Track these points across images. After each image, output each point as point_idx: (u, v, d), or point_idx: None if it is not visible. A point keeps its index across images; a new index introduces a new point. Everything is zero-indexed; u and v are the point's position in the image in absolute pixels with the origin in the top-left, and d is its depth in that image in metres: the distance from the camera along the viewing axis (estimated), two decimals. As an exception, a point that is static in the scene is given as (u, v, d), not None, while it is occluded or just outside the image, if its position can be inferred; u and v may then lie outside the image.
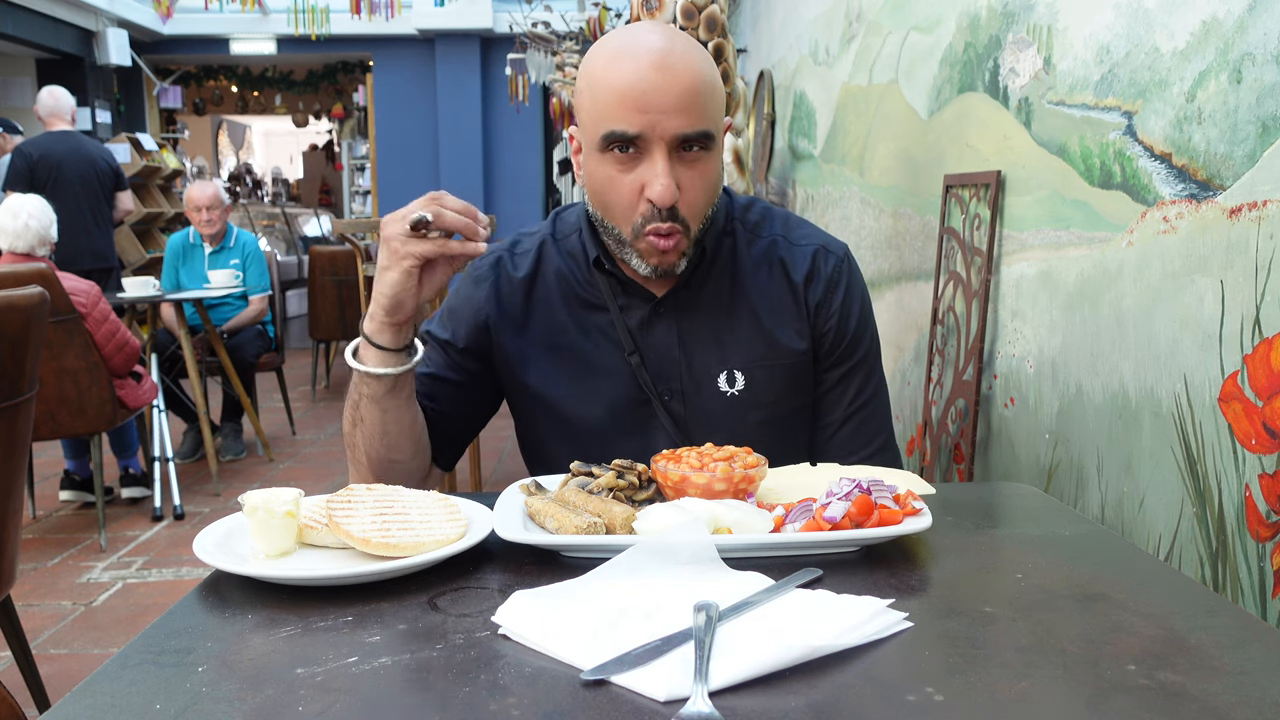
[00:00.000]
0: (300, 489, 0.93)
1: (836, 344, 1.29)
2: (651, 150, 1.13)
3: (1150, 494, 1.36)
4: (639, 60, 1.12)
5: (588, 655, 0.70)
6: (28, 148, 5.16)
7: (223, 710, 0.65)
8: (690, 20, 3.26)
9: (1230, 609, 0.80)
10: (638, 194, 1.15)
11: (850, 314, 1.29)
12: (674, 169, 1.13)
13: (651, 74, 1.11)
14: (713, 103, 1.15)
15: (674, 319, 1.26)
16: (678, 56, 1.12)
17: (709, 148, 1.16)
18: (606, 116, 1.13)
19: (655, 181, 1.12)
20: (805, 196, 3.85)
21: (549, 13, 6.06)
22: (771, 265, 1.29)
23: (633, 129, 1.11)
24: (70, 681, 2.42)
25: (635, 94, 1.11)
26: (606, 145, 1.14)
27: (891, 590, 0.82)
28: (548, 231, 1.33)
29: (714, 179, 1.19)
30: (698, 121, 1.13)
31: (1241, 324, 1.16)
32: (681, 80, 1.11)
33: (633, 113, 1.11)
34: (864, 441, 1.30)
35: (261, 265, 4.90)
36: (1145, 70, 1.37)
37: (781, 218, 1.33)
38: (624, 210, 1.17)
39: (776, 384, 1.26)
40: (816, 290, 1.28)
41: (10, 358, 1.86)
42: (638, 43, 1.14)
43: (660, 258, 1.18)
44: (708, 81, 1.14)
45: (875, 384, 1.32)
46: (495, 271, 1.31)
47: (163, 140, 8.87)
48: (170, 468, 3.86)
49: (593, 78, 1.16)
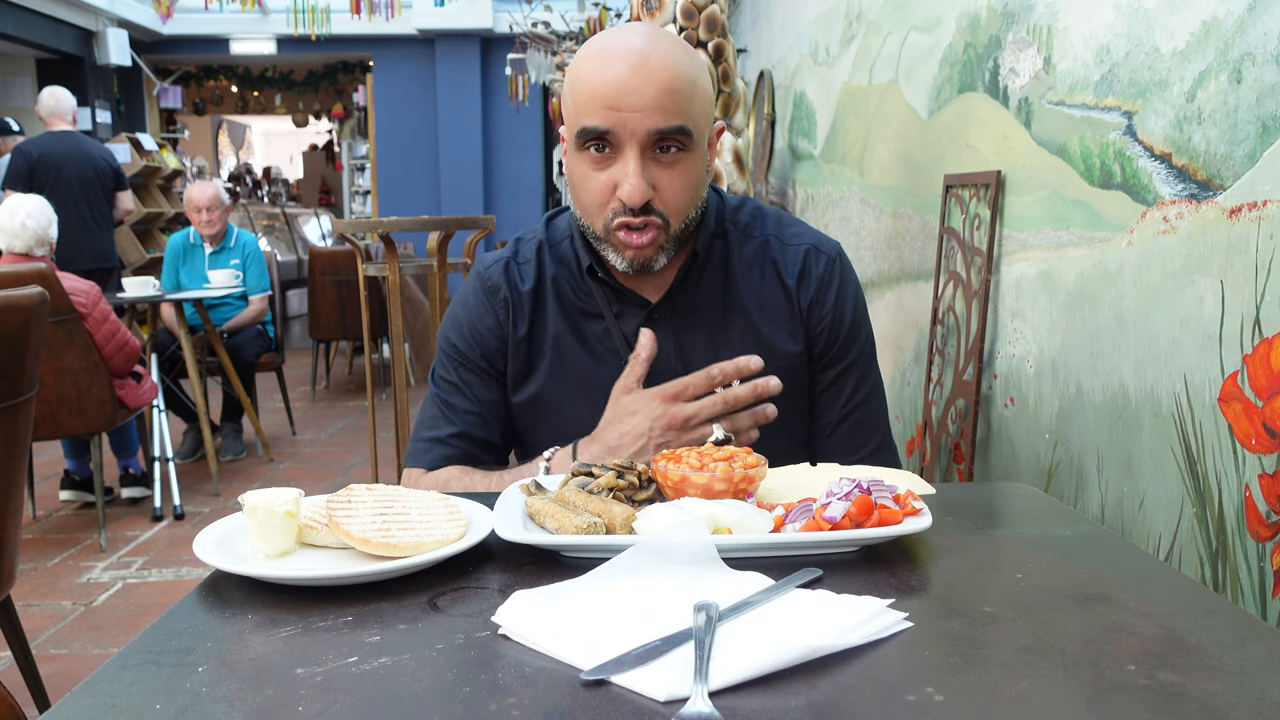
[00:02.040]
0: (300, 489, 0.93)
1: (830, 344, 1.28)
2: (624, 148, 1.13)
3: (1150, 494, 1.36)
4: (617, 60, 1.13)
5: (588, 655, 0.70)
6: (28, 147, 5.16)
7: (223, 710, 0.65)
8: (690, 20, 3.26)
9: (1230, 609, 0.80)
10: (609, 192, 1.15)
11: (844, 314, 1.29)
12: (648, 168, 1.14)
13: (626, 73, 1.11)
14: (692, 101, 1.14)
15: (670, 324, 1.26)
16: (656, 56, 1.12)
17: (687, 146, 1.15)
18: (581, 113, 1.14)
19: (625, 181, 1.13)
20: (805, 196, 3.85)
21: (549, 13, 6.06)
22: (764, 266, 1.28)
23: (603, 124, 1.12)
24: (70, 681, 2.42)
25: (608, 91, 1.11)
26: (582, 143, 1.15)
27: (891, 590, 0.82)
28: (542, 237, 1.33)
29: (695, 178, 1.18)
30: (672, 117, 1.12)
31: (1241, 324, 1.16)
32: (655, 78, 1.11)
33: (604, 109, 1.12)
34: (861, 441, 1.30)
35: (261, 265, 4.90)
36: (1145, 70, 1.37)
37: (774, 217, 1.33)
38: (596, 207, 1.17)
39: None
40: (809, 291, 1.28)
41: (10, 358, 1.86)
42: (618, 43, 1.15)
43: (635, 252, 1.17)
44: (686, 79, 1.14)
45: (871, 383, 1.32)
46: (506, 282, 1.30)
47: (163, 140, 8.87)
48: (170, 468, 3.86)
49: (574, 77, 1.17)
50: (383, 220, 2.68)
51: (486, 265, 1.33)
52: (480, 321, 1.30)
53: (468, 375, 1.30)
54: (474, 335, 1.30)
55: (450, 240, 2.86)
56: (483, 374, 1.30)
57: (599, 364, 1.26)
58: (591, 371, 1.26)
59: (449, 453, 1.29)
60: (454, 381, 1.31)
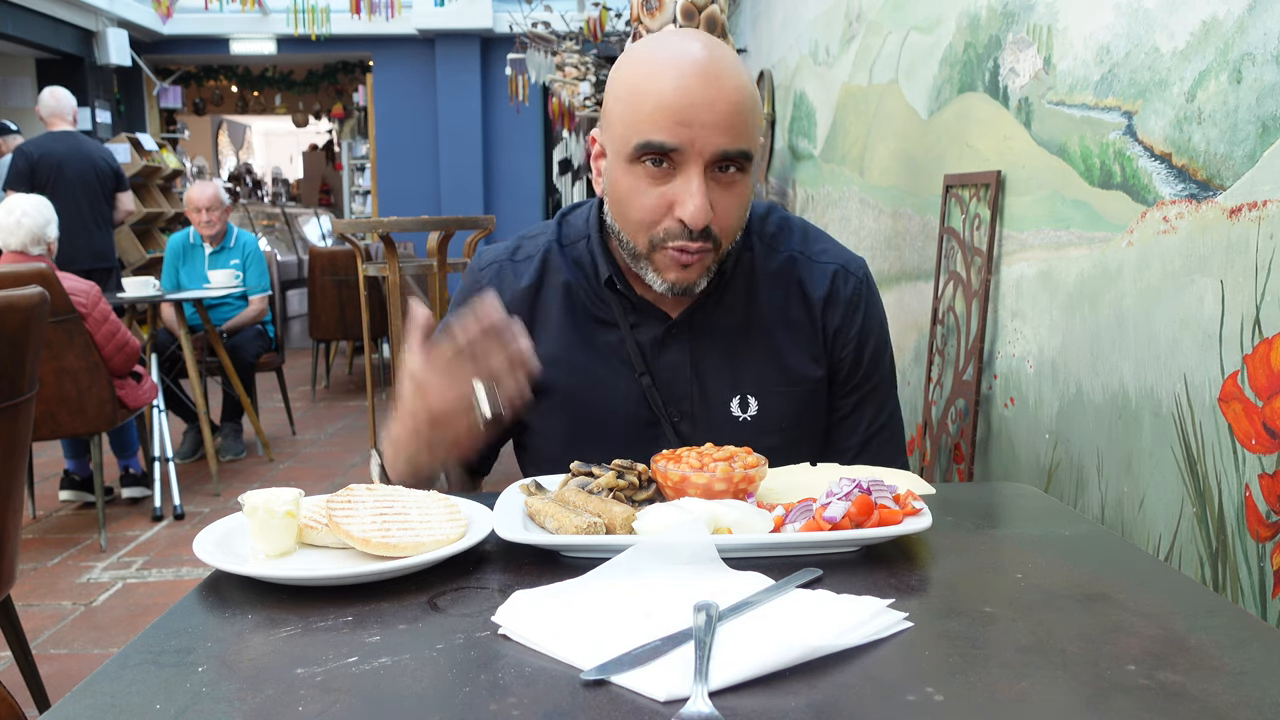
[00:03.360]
0: (300, 489, 0.93)
1: (854, 371, 1.25)
2: (687, 166, 1.06)
3: (1150, 494, 1.36)
4: (683, 69, 1.06)
5: (588, 655, 0.70)
6: (28, 148, 5.16)
7: (223, 710, 0.65)
8: (690, 20, 3.26)
9: (1230, 609, 0.80)
10: (665, 210, 1.09)
11: (868, 341, 1.25)
12: (709, 188, 1.07)
13: (697, 85, 1.05)
14: (755, 121, 1.10)
15: (688, 340, 1.21)
16: (724, 69, 1.06)
17: (746, 169, 1.10)
18: (643, 125, 1.06)
19: (689, 201, 1.06)
20: (805, 196, 3.85)
21: (549, 13, 6.07)
22: (789, 284, 1.23)
23: (671, 141, 1.05)
24: (70, 681, 2.42)
25: (678, 105, 1.04)
26: (639, 156, 1.08)
27: (891, 590, 0.82)
28: (553, 237, 1.27)
29: (748, 200, 1.13)
30: (740, 140, 1.07)
31: (1241, 324, 1.16)
32: (727, 95, 1.05)
33: (674, 124, 1.05)
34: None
35: (261, 265, 4.90)
36: (1145, 70, 1.37)
37: (800, 230, 1.28)
38: (645, 224, 1.10)
39: (790, 410, 1.23)
40: (835, 315, 1.23)
41: (10, 358, 1.86)
42: (682, 51, 1.07)
43: (680, 273, 1.11)
44: (751, 98, 1.09)
45: (890, 409, 1.29)
46: (498, 280, 1.26)
47: (163, 140, 8.87)
48: (170, 468, 3.86)
49: (631, 83, 1.09)
50: (383, 220, 2.68)
51: (480, 266, 1.30)
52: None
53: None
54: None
55: (450, 240, 2.86)
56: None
57: (609, 373, 1.22)
58: (598, 378, 1.22)
59: None
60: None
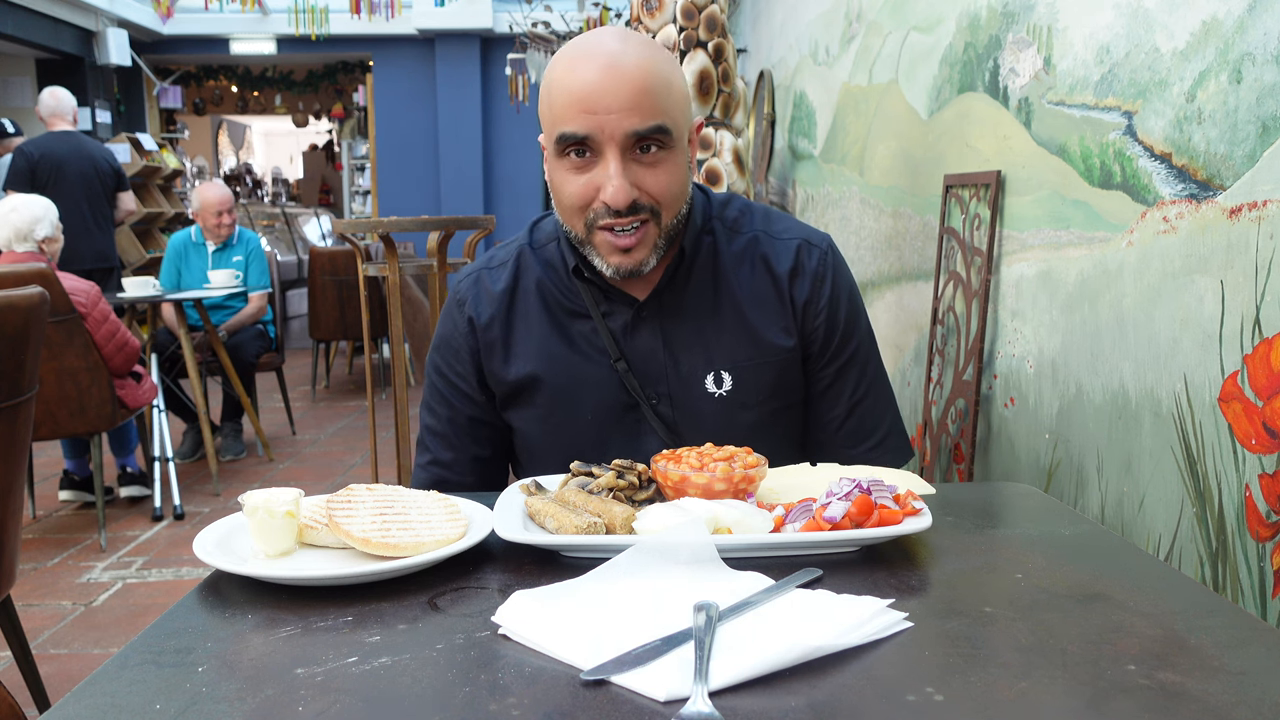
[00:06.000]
0: (300, 489, 0.93)
1: (829, 341, 1.27)
2: (604, 151, 1.13)
3: (1150, 494, 1.36)
4: (590, 63, 1.12)
5: (587, 655, 0.70)
6: (29, 148, 5.16)
7: (223, 710, 0.65)
8: (690, 20, 3.27)
9: (1230, 609, 0.80)
10: (591, 195, 1.15)
11: (838, 308, 1.27)
12: (630, 169, 1.13)
13: (600, 76, 1.11)
14: (669, 99, 1.14)
15: (658, 322, 1.25)
16: (629, 58, 1.12)
17: (667, 145, 1.15)
18: (558, 119, 1.13)
19: (608, 184, 1.12)
20: (805, 196, 3.85)
21: (549, 13, 6.07)
22: (754, 261, 1.28)
23: (582, 130, 1.11)
24: (70, 681, 2.42)
25: (584, 95, 1.11)
26: (561, 149, 1.15)
27: (891, 590, 0.82)
28: (524, 241, 1.32)
29: (679, 174, 1.18)
30: (650, 117, 1.12)
31: (1241, 324, 1.16)
32: (630, 79, 1.11)
33: (581, 114, 1.11)
34: (867, 433, 1.30)
35: (263, 263, 4.91)
36: (1145, 70, 1.37)
37: (761, 213, 1.32)
38: (577, 209, 1.17)
39: (765, 382, 1.26)
40: (803, 287, 1.27)
41: (10, 358, 1.86)
42: (590, 47, 1.14)
43: (622, 257, 1.17)
44: (661, 78, 1.13)
45: (873, 373, 1.31)
46: (476, 289, 1.31)
47: (163, 140, 8.87)
48: (170, 468, 3.86)
49: (549, 82, 1.16)
50: (383, 220, 2.68)
51: (458, 280, 1.35)
52: (451, 337, 1.31)
53: (438, 396, 1.33)
54: (448, 350, 1.31)
55: (450, 240, 2.86)
56: (457, 391, 1.31)
57: (587, 363, 1.26)
58: (577, 368, 1.26)
59: (424, 477, 1.33)
60: (429, 404, 1.34)
